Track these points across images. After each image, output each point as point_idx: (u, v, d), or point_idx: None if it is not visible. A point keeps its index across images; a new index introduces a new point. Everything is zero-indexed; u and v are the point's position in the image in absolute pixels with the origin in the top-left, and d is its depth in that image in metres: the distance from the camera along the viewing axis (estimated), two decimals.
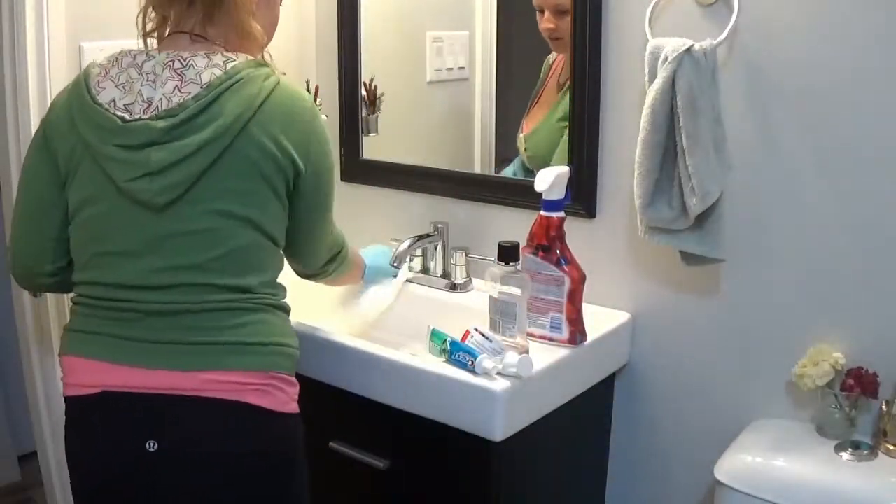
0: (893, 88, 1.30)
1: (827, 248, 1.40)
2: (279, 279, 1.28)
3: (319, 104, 1.93)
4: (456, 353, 1.36)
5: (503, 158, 1.82)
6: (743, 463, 1.37)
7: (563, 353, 1.46)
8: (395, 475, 1.48)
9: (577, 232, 1.55)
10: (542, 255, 1.47)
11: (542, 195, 1.46)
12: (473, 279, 1.78)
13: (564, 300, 1.46)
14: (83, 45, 1.64)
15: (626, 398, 1.67)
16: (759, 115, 1.43)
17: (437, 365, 1.38)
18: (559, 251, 1.46)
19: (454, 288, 1.78)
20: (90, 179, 1.18)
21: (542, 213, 1.47)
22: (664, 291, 1.59)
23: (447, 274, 1.79)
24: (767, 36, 1.39)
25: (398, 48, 1.95)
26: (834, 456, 1.35)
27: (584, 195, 1.62)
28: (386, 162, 1.93)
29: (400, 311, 1.75)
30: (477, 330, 1.39)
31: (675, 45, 1.36)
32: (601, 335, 1.54)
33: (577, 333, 1.48)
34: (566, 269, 1.46)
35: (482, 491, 1.40)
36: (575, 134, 1.61)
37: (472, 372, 1.33)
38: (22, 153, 1.48)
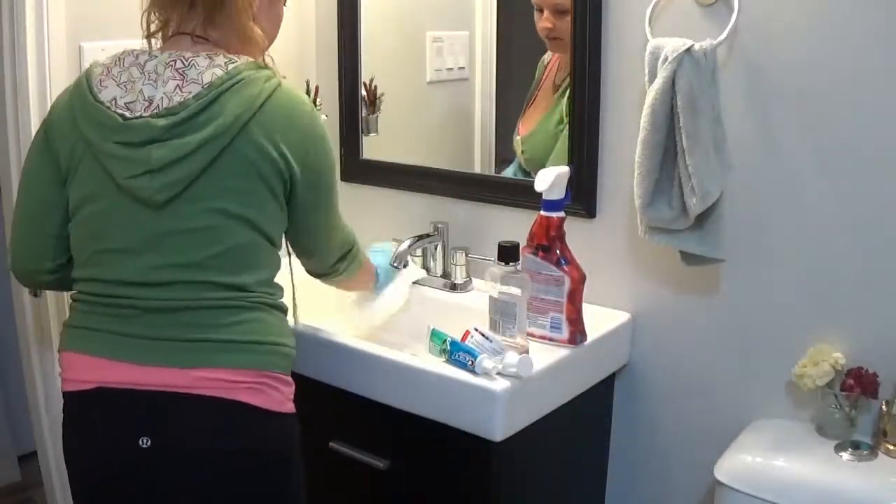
0: (893, 88, 1.31)
1: (827, 248, 1.40)
2: (276, 279, 1.28)
3: (319, 104, 1.92)
4: (456, 353, 1.36)
5: (503, 159, 1.82)
6: (743, 463, 1.37)
7: (563, 353, 1.46)
8: (395, 475, 1.48)
9: (577, 232, 1.55)
10: (542, 255, 1.47)
11: (542, 195, 1.46)
12: (473, 279, 1.78)
13: (564, 300, 1.46)
14: (83, 45, 1.64)
15: (626, 398, 1.67)
16: (759, 115, 1.43)
17: (437, 365, 1.38)
18: (559, 251, 1.46)
19: (454, 288, 1.78)
20: (90, 177, 1.18)
21: (542, 213, 1.47)
22: (664, 291, 1.59)
23: (447, 274, 1.79)
24: (767, 36, 1.39)
25: (398, 48, 1.95)
26: (834, 456, 1.35)
27: (584, 195, 1.62)
28: (386, 162, 1.93)
29: (400, 310, 1.75)
30: (477, 330, 1.39)
31: (675, 45, 1.36)
32: (601, 335, 1.54)
33: (577, 333, 1.48)
34: (566, 269, 1.46)
35: (482, 491, 1.40)
36: (575, 134, 1.61)
37: (472, 372, 1.33)
38: (22, 154, 1.48)
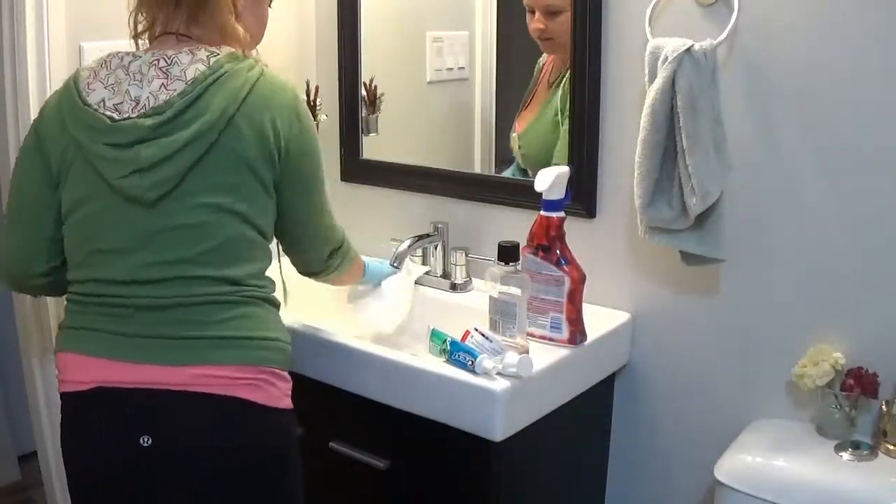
0: (893, 88, 1.30)
1: (827, 248, 1.40)
2: (267, 273, 1.28)
3: (319, 104, 1.93)
4: (456, 353, 1.36)
5: (503, 159, 1.82)
6: (743, 463, 1.37)
7: (563, 353, 1.46)
8: (395, 475, 1.48)
9: (577, 232, 1.55)
10: (542, 255, 1.47)
11: (542, 195, 1.46)
12: (473, 279, 1.78)
13: (564, 300, 1.46)
14: (83, 45, 1.64)
15: (626, 398, 1.67)
16: (759, 115, 1.43)
17: (437, 365, 1.38)
18: (559, 251, 1.46)
19: (454, 288, 1.78)
20: (82, 179, 1.19)
21: (542, 213, 1.47)
22: (664, 291, 1.59)
23: (447, 274, 1.79)
24: (767, 36, 1.39)
25: (398, 48, 1.95)
26: (834, 456, 1.35)
27: (584, 195, 1.62)
28: (386, 162, 1.93)
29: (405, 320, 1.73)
30: (477, 330, 1.39)
31: (675, 45, 1.36)
32: (601, 335, 1.54)
33: (577, 333, 1.48)
34: (566, 269, 1.46)
35: (482, 491, 1.40)
36: (575, 134, 1.61)
37: (472, 372, 1.33)
38: None
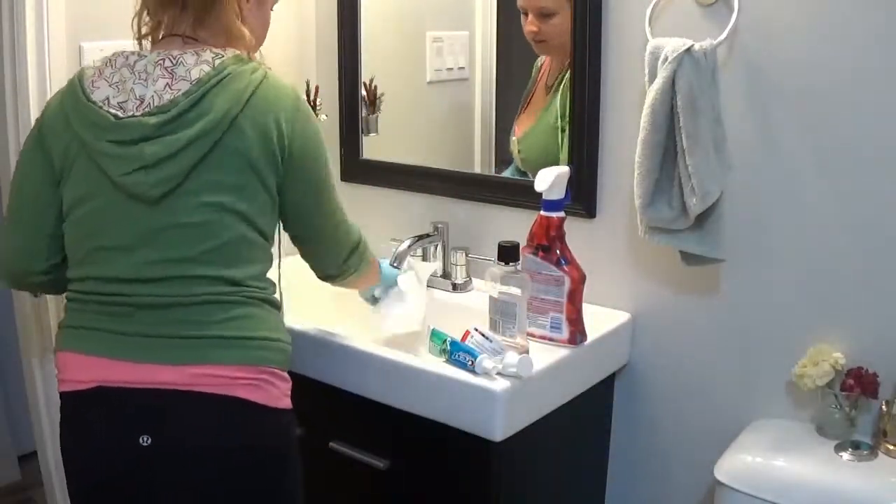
0: (893, 88, 1.30)
1: (827, 248, 1.40)
2: (268, 274, 1.27)
3: (319, 104, 1.93)
4: (456, 353, 1.36)
5: (503, 159, 1.82)
6: (743, 463, 1.37)
7: (563, 353, 1.46)
8: (395, 475, 1.48)
9: (577, 232, 1.55)
10: (542, 255, 1.47)
11: (542, 195, 1.46)
12: (473, 279, 1.78)
13: (564, 300, 1.46)
14: (83, 45, 1.64)
15: (626, 398, 1.67)
16: (759, 115, 1.43)
17: (437, 365, 1.38)
18: (559, 251, 1.46)
19: (454, 288, 1.78)
20: (85, 177, 1.19)
21: (542, 213, 1.47)
22: (664, 291, 1.59)
23: (447, 274, 1.79)
24: (767, 36, 1.39)
25: (398, 48, 1.95)
26: (834, 456, 1.35)
27: (584, 195, 1.62)
28: (386, 162, 1.93)
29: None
30: (477, 330, 1.39)
31: (675, 45, 1.36)
32: (601, 335, 1.54)
33: (577, 333, 1.48)
34: (566, 269, 1.46)
35: (482, 491, 1.40)
36: (575, 134, 1.61)
37: (472, 372, 1.33)
38: None
